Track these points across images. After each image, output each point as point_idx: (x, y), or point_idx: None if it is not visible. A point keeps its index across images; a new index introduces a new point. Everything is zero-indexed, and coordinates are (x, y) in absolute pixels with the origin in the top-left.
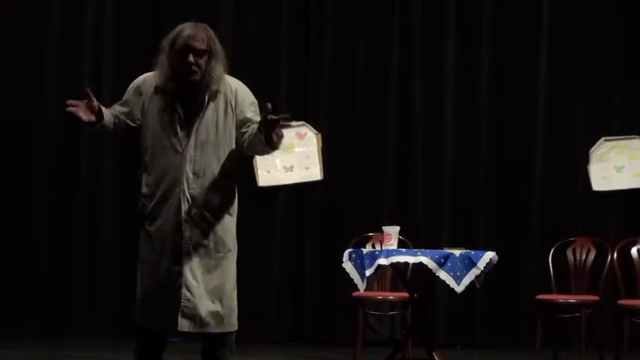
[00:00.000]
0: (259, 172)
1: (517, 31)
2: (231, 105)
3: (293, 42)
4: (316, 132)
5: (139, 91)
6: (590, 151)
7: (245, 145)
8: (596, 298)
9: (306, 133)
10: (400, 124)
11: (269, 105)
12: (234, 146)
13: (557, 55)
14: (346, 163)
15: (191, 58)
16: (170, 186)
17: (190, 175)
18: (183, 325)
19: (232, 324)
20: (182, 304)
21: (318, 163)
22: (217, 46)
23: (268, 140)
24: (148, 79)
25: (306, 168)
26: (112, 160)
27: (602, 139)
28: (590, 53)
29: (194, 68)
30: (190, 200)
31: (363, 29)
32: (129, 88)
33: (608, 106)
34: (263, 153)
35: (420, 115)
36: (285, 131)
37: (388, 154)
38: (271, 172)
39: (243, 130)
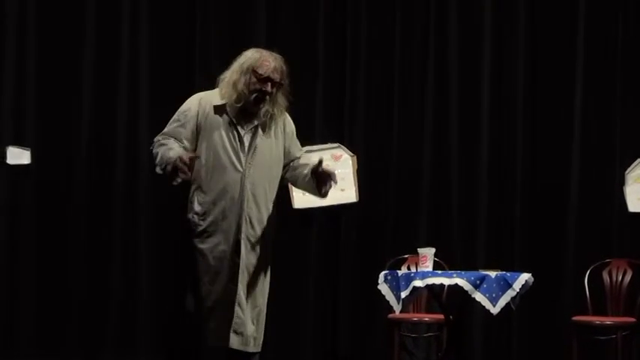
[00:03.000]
0: (294, 194)
1: (553, 51)
2: (283, 132)
3: (329, 65)
4: (352, 154)
5: (195, 114)
6: (626, 172)
7: (296, 183)
8: (632, 319)
9: (341, 155)
10: (436, 145)
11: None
12: (281, 170)
13: (594, 75)
14: (382, 185)
15: (268, 88)
16: (229, 205)
17: (250, 194)
18: (234, 341)
19: (260, 345)
20: (234, 321)
21: (353, 185)
22: (286, 81)
23: (320, 191)
24: (203, 99)
25: (342, 190)
26: (147, 176)
27: (638, 159)
28: (625, 72)
29: (267, 97)
30: (249, 220)
31: (398, 54)
32: (186, 115)
33: None
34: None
35: (456, 137)
36: (320, 153)
37: (424, 176)
38: (306, 194)
39: (290, 163)
